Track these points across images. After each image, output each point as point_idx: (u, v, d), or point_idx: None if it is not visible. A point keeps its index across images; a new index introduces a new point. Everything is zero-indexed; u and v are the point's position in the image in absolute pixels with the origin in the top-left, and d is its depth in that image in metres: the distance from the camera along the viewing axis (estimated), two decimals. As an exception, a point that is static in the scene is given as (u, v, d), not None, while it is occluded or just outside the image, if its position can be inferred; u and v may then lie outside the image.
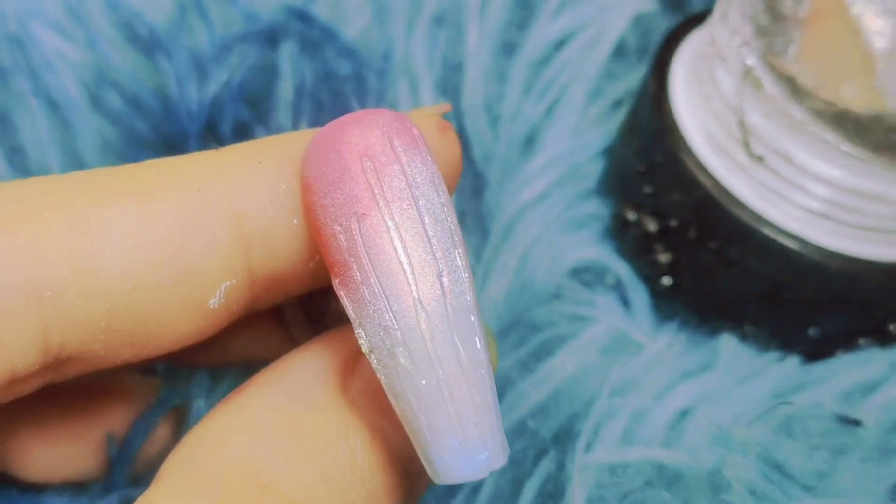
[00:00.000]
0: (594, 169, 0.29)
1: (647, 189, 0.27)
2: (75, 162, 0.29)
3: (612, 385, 0.25)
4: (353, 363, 0.18)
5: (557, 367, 0.25)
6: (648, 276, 0.27)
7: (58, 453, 0.23)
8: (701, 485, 0.23)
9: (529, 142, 0.29)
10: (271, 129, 0.29)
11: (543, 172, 0.28)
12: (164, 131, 0.29)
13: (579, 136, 0.29)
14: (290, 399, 0.17)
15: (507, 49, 0.30)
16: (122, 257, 0.16)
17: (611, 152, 0.29)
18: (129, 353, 0.17)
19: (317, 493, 0.16)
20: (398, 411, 0.16)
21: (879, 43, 0.23)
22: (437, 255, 0.16)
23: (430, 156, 0.17)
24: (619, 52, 0.31)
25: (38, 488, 0.24)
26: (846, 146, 0.22)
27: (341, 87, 0.29)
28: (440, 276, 0.16)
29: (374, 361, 0.16)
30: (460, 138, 0.29)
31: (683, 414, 0.24)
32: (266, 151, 0.18)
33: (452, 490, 0.25)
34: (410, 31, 0.30)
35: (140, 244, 0.16)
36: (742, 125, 0.24)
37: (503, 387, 0.26)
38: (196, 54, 0.29)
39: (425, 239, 0.16)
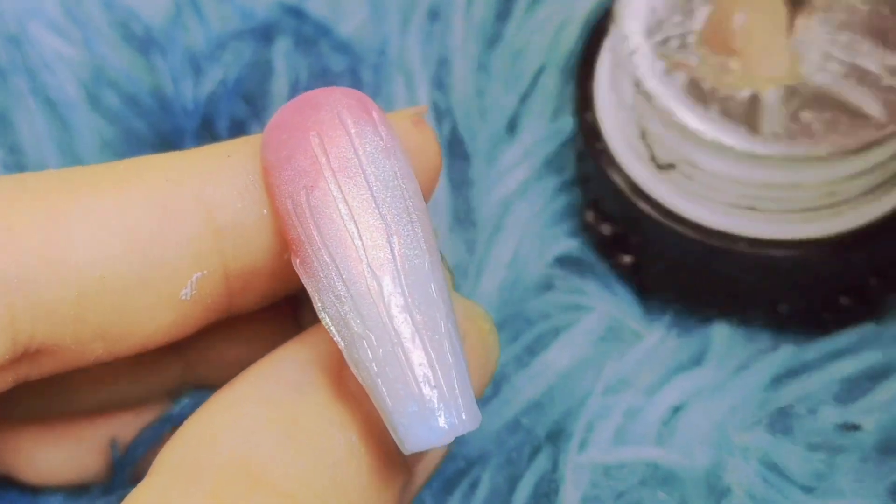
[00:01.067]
0: (572, 157, 0.28)
1: (591, 195, 0.26)
2: (74, 161, 0.29)
3: (605, 381, 0.24)
4: None
5: (552, 361, 0.25)
6: (618, 277, 0.27)
7: (62, 456, 0.23)
8: (697, 483, 0.23)
9: (510, 132, 0.29)
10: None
11: (522, 161, 0.28)
12: (161, 129, 0.29)
13: (555, 121, 0.29)
14: (285, 390, 0.17)
15: (492, 42, 0.29)
16: (91, 246, 0.16)
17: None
18: (102, 348, 0.17)
19: (311, 485, 0.16)
20: (361, 381, 0.16)
21: None
22: (387, 220, 0.16)
23: (385, 126, 0.17)
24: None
25: (36, 490, 0.24)
26: (751, 144, 0.22)
27: (336, 82, 0.29)
28: (390, 239, 0.16)
29: (334, 333, 0.16)
30: (454, 134, 0.29)
31: (676, 410, 0.24)
32: (235, 147, 0.18)
33: (449, 487, 0.25)
34: (405, 26, 0.30)
35: (109, 234, 0.16)
36: (644, 135, 0.23)
37: (498, 382, 0.25)
38: (191, 52, 0.29)
39: (373, 205, 0.16)
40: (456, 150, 0.28)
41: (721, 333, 0.26)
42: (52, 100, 0.29)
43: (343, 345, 0.16)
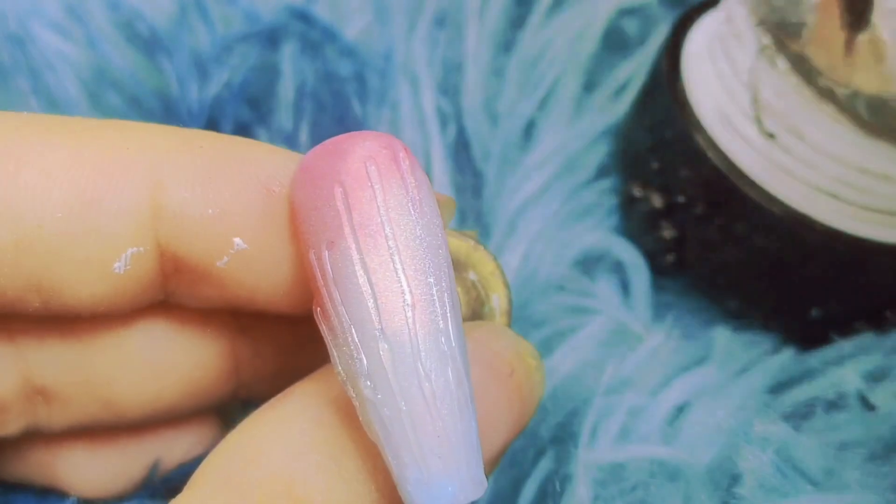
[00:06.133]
0: (591, 159, 0.29)
1: (655, 165, 0.27)
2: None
3: (608, 382, 0.25)
4: None
5: (557, 365, 0.25)
6: (653, 252, 0.28)
7: (108, 470, 0.22)
8: (702, 480, 0.23)
9: (526, 137, 0.29)
10: (272, 130, 0.29)
11: (541, 166, 0.28)
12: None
13: (574, 127, 0.29)
14: (333, 412, 0.17)
15: (506, 48, 0.30)
16: (36, 194, 0.16)
17: (620, 132, 0.30)
18: (38, 301, 0.17)
19: None
20: (372, 440, 0.16)
21: (889, 30, 0.23)
22: (406, 282, 0.16)
23: (414, 174, 0.16)
24: (620, 42, 0.31)
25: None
26: (856, 126, 0.23)
27: (342, 87, 0.29)
28: (406, 305, 0.16)
29: (348, 390, 0.16)
30: (460, 138, 0.29)
31: (680, 410, 0.24)
32: (219, 141, 0.18)
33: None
34: (411, 31, 0.30)
35: (54, 185, 0.16)
36: (755, 101, 0.24)
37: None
38: (197, 54, 0.29)
39: (392, 267, 0.16)
40: (462, 154, 0.29)
41: (723, 336, 0.26)
42: (54, 99, 0.29)
43: (356, 402, 0.16)
